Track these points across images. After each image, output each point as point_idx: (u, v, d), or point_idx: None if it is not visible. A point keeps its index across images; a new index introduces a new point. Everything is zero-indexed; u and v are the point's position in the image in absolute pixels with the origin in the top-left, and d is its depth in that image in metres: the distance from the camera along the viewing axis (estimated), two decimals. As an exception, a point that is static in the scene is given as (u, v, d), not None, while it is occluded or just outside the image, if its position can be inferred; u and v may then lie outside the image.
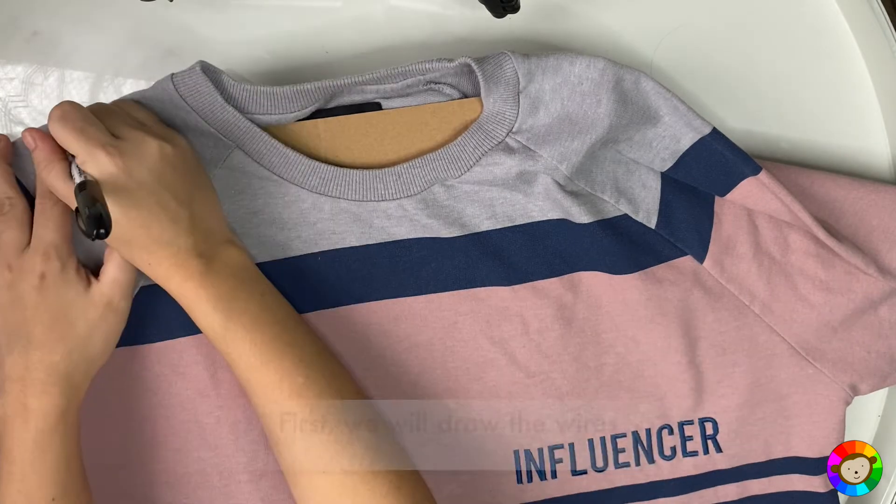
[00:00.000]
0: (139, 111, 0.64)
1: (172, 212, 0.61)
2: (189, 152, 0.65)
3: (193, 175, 0.64)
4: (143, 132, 0.62)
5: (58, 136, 0.60)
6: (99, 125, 0.60)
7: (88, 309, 0.63)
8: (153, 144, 0.61)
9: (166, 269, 0.62)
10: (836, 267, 0.71)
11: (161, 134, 0.63)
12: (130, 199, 0.59)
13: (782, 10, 0.77)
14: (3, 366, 0.62)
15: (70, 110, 0.60)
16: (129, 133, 0.61)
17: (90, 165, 0.59)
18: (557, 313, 0.70)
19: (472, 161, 0.69)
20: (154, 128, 0.63)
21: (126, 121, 0.62)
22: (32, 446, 0.60)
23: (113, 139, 0.60)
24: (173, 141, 0.63)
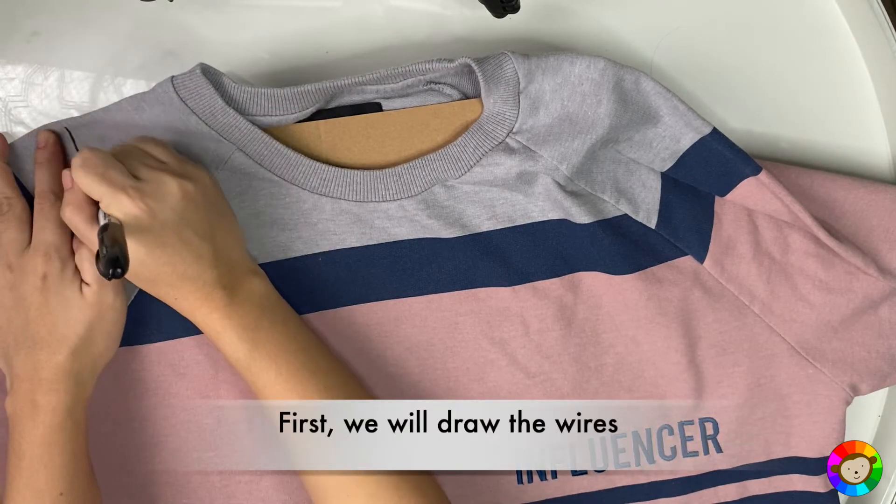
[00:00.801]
0: (157, 149, 0.65)
1: (196, 247, 0.62)
2: (209, 185, 0.65)
3: (215, 208, 0.65)
4: (164, 172, 0.62)
5: (81, 182, 0.61)
6: (120, 168, 0.61)
7: (85, 309, 0.63)
8: (174, 184, 0.62)
9: (192, 302, 0.63)
10: (836, 267, 0.71)
11: (181, 171, 0.63)
12: (155, 238, 0.60)
13: (782, 10, 0.77)
14: (12, 366, 0.63)
15: (90, 156, 0.60)
16: (149, 174, 0.62)
17: (114, 209, 0.60)
18: (558, 314, 0.70)
19: (473, 161, 0.69)
20: (173, 165, 0.64)
21: (145, 161, 0.63)
22: (41, 442, 0.61)
23: (135, 181, 0.61)
24: (193, 177, 0.64)
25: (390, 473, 0.64)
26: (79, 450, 0.63)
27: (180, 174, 0.63)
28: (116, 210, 0.60)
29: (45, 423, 0.61)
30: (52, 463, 0.61)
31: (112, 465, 0.68)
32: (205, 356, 0.68)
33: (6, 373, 0.64)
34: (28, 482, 0.61)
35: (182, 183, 0.62)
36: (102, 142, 0.66)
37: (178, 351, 0.68)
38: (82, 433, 0.63)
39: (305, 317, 0.68)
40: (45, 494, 0.61)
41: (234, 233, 0.66)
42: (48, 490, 0.61)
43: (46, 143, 0.66)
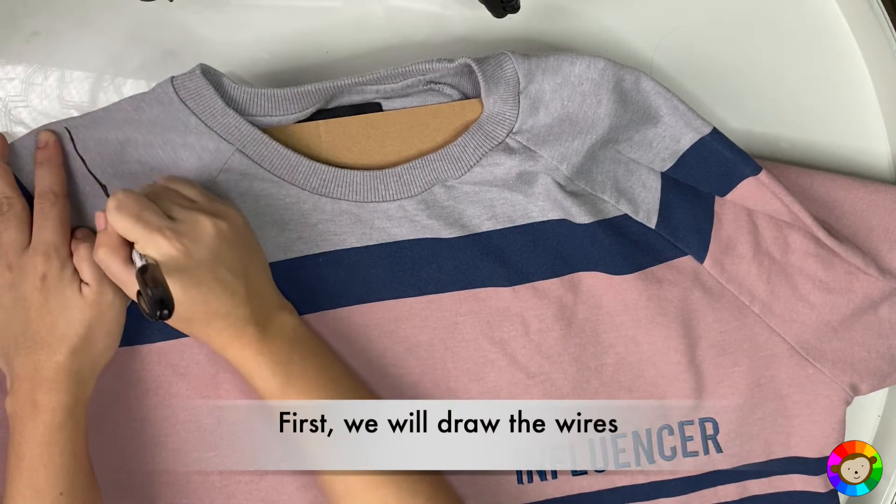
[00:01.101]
0: (188, 188, 0.65)
1: (229, 285, 0.62)
2: (241, 222, 0.65)
3: (247, 245, 0.65)
4: (197, 211, 0.63)
5: (116, 225, 0.61)
6: (155, 209, 0.61)
7: (85, 309, 0.63)
8: (208, 223, 0.62)
9: (224, 339, 0.63)
10: (836, 267, 0.71)
11: (213, 210, 0.64)
12: (191, 278, 0.61)
13: (782, 10, 0.77)
14: (13, 365, 0.63)
15: (125, 199, 0.61)
16: (183, 214, 0.62)
17: (151, 249, 0.60)
18: (558, 314, 0.70)
19: (473, 161, 0.69)
20: (205, 204, 0.64)
21: (178, 201, 0.63)
22: (41, 441, 0.61)
23: (169, 222, 0.61)
24: (225, 215, 0.64)
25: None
26: (79, 449, 0.63)
27: (213, 213, 0.63)
28: (153, 251, 0.60)
29: (45, 423, 0.61)
30: (52, 462, 0.61)
31: (112, 465, 0.68)
32: (205, 356, 0.68)
33: (6, 373, 0.64)
34: (28, 482, 0.61)
35: (216, 222, 0.62)
36: (102, 143, 0.67)
37: (179, 351, 0.68)
38: (82, 433, 0.63)
39: (305, 317, 0.68)
40: (45, 494, 0.61)
41: (265, 268, 0.67)
42: (48, 490, 0.61)
43: (46, 143, 0.66)
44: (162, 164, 0.67)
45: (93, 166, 0.67)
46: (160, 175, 0.66)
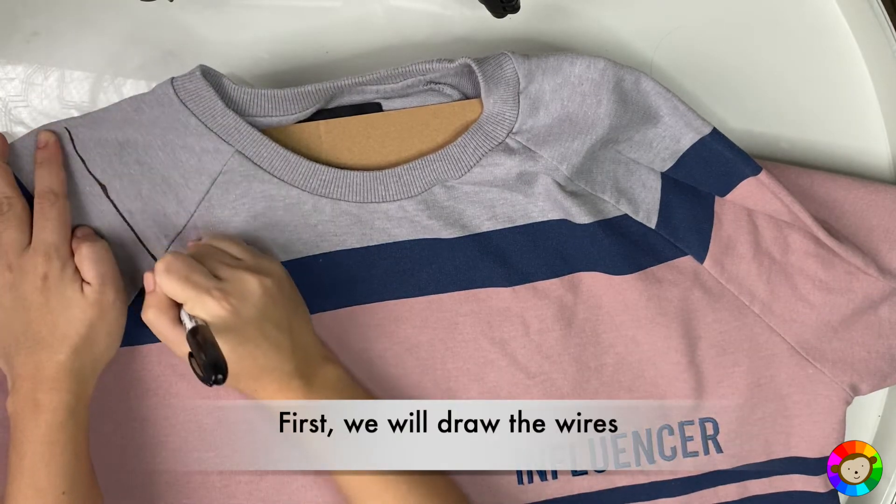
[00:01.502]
0: (232, 245, 0.66)
1: (275, 340, 0.63)
2: (284, 278, 0.66)
3: (290, 300, 0.66)
4: (242, 269, 0.63)
5: (165, 287, 0.61)
6: (203, 270, 0.62)
7: (86, 309, 0.63)
8: (254, 282, 0.63)
9: (271, 393, 0.64)
10: (836, 267, 0.71)
11: (257, 267, 0.65)
12: (239, 336, 0.61)
13: (782, 10, 0.77)
14: (14, 365, 0.63)
15: (173, 261, 0.61)
16: (229, 273, 0.63)
17: (200, 310, 0.61)
18: (558, 314, 0.70)
19: (473, 162, 0.69)
20: (249, 261, 0.65)
21: (224, 259, 0.64)
22: (43, 441, 0.61)
23: (217, 282, 0.62)
24: (269, 271, 0.65)
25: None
26: (80, 449, 0.63)
27: (257, 270, 0.64)
28: (202, 312, 0.61)
29: (47, 422, 0.61)
30: (53, 461, 0.61)
31: (112, 465, 0.68)
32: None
33: (7, 373, 0.64)
34: (30, 481, 0.61)
35: (261, 279, 0.63)
36: (101, 143, 0.66)
37: (179, 351, 0.68)
38: (84, 432, 0.63)
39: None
40: (47, 493, 0.61)
41: (307, 320, 0.67)
42: (50, 489, 0.61)
43: (46, 143, 0.66)
44: (161, 164, 0.67)
45: (92, 167, 0.67)
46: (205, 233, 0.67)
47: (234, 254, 0.65)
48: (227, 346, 0.60)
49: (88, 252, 0.64)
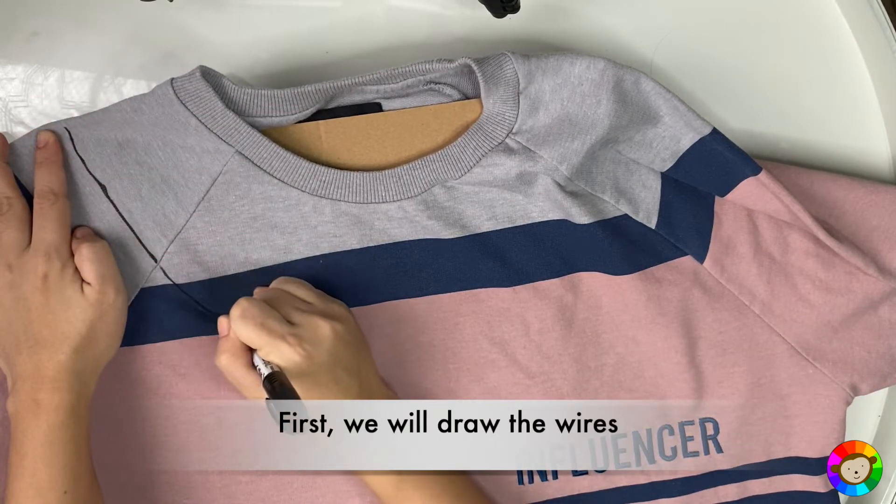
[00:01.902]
0: (301, 290, 0.66)
1: (345, 384, 0.64)
2: (352, 321, 0.67)
3: (358, 343, 0.67)
4: (314, 315, 0.64)
5: (241, 333, 0.62)
6: (277, 317, 0.62)
7: (87, 309, 0.63)
8: (326, 327, 0.63)
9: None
10: (836, 267, 0.71)
11: (328, 311, 0.65)
12: (312, 382, 0.62)
13: (782, 10, 0.77)
14: (14, 365, 0.63)
15: (248, 307, 0.62)
16: (302, 318, 0.63)
17: (275, 356, 0.61)
18: (558, 314, 0.70)
19: (473, 162, 0.69)
20: (319, 305, 0.66)
21: (295, 304, 0.64)
22: (44, 440, 0.61)
23: (290, 327, 0.62)
24: (338, 315, 0.65)
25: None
26: (81, 449, 0.63)
27: (328, 314, 0.65)
28: (277, 357, 0.61)
29: (47, 422, 0.61)
30: (55, 461, 0.61)
31: (112, 465, 0.68)
32: (205, 357, 0.68)
33: (7, 373, 0.64)
34: (31, 481, 0.61)
35: (333, 324, 0.64)
36: (101, 144, 0.66)
37: (179, 351, 0.68)
38: (84, 432, 0.63)
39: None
40: (48, 493, 0.61)
41: (372, 363, 0.68)
42: (51, 488, 0.61)
43: (46, 143, 0.66)
44: (161, 164, 0.67)
45: (92, 167, 0.67)
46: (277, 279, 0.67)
47: (304, 297, 0.66)
48: (301, 392, 0.60)
49: (88, 252, 0.64)
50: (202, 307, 0.68)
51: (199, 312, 0.68)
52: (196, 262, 0.67)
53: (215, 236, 0.67)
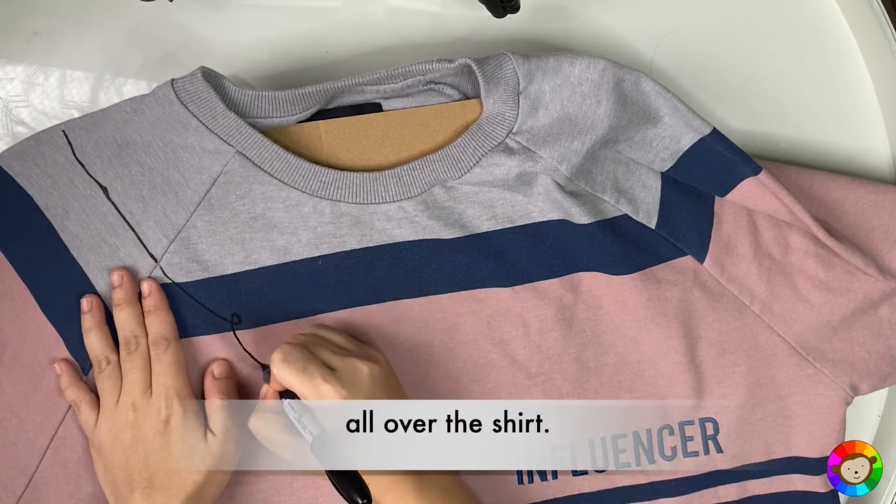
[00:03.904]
0: (336, 335, 0.67)
1: None
2: (386, 364, 0.67)
3: (394, 386, 0.66)
4: (350, 357, 0.64)
5: (283, 376, 0.62)
6: (317, 361, 0.63)
7: (207, 458, 0.64)
8: (364, 369, 0.64)
9: (384, 488, 0.63)
10: (836, 267, 0.71)
11: (363, 354, 0.65)
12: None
13: (782, 9, 0.77)
14: (125, 502, 0.64)
15: (290, 351, 0.63)
16: (340, 362, 0.64)
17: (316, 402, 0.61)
18: (558, 314, 0.70)
19: (473, 162, 0.69)
20: (355, 350, 0.66)
21: (331, 349, 0.65)
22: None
23: (330, 371, 0.63)
24: (374, 358, 0.66)
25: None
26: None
27: (364, 357, 0.65)
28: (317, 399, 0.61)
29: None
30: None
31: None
32: (205, 357, 0.68)
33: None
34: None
35: (370, 366, 0.64)
36: (101, 145, 0.66)
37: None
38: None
39: (307, 320, 0.68)
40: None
41: None
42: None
43: (150, 292, 0.67)
44: (162, 164, 0.67)
45: (92, 170, 0.66)
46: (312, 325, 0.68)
47: (340, 343, 0.66)
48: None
49: (222, 406, 0.66)
50: (202, 306, 0.68)
51: (198, 311, 0.68)
52: (196, 260, 0.67)
53: (215, 235, 0.67)
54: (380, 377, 0.64)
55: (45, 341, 0.66)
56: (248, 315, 0.68)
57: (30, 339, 0.66)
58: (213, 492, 0.65)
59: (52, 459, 0.66)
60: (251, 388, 0.68)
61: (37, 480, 0.66)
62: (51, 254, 0.66)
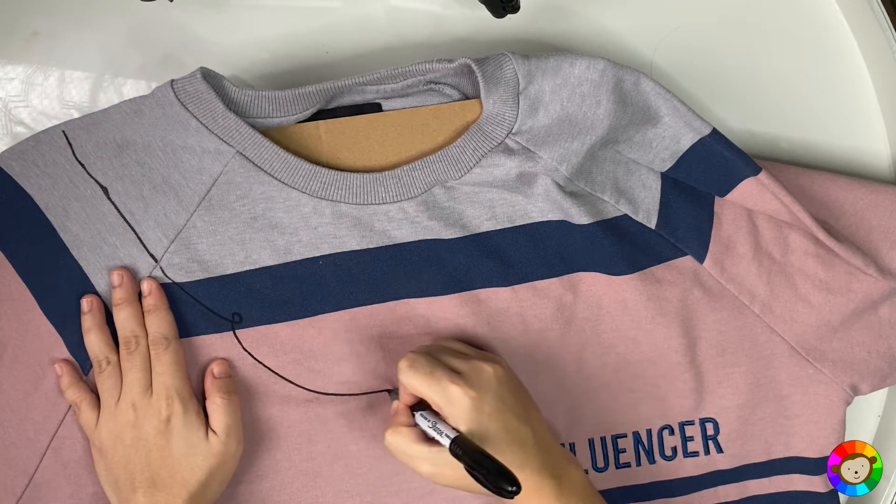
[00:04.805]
0: (454, 342, 0.67)
1: (517, 433, 0.62)
2: (507, 365, 0.66)
3: (519, 386, 0.66)
4: (473, 360, 0.64)
5: (410, 383, 0.62)
6: (442, 366, 0.63)
7: (209, 457, 0.64)
8: (488, 370, 0.63)
9: (528, 492, 0.61)
10: (836, 267, 0.71)
11: (483, 356, 0.65)
12: (483, 431, 0.61)
13: (782, 9, 0.77)
14: (126, 501, 0.64)
15: (416, 358, 0.63)
16: (463, 365, 0.63)
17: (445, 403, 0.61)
18: (557, 314, 0.70)
19: (473, 162, 0.68)
20: (475, 353, 0.66)
21: (453, 354, 0.65)
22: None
23: (456, 374, 0.62)
24: (495, 360, 0.65)
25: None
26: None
27: (486, 360, 0.64)
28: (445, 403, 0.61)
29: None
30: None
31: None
32: (206, 358, 0.68)
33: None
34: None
35: (495, 367, 0.64)
36: (100, 146, 0.66)
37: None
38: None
39: (307, 320, 0.68)
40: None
41: (541, 415, 0.66)
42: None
43: (150, 291, 0.66)
44: (162, 164, 0.67)
45: (93, 170, 0.66)
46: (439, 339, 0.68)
47: (460, 349, 0.66)
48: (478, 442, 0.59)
49: (222, 403, 0.65)
50: (202, 306, 0.68)
51: (198, 311, 0.68)
52: (196, 260, 0.67)
53: (215, 235, 0.67)
54: (504, 377, 0.64)
55: (45, 341, 0.66)
56: (248, 315, 0.68)
57: (30, 339, 0.66)
58: (215, 490, 0.65)
59: (53, 459, 0.66)
60: (251, 388, 0.68)
61: (37, 480, 0.66)
62: (51, 254, 0.66)
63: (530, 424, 0.63)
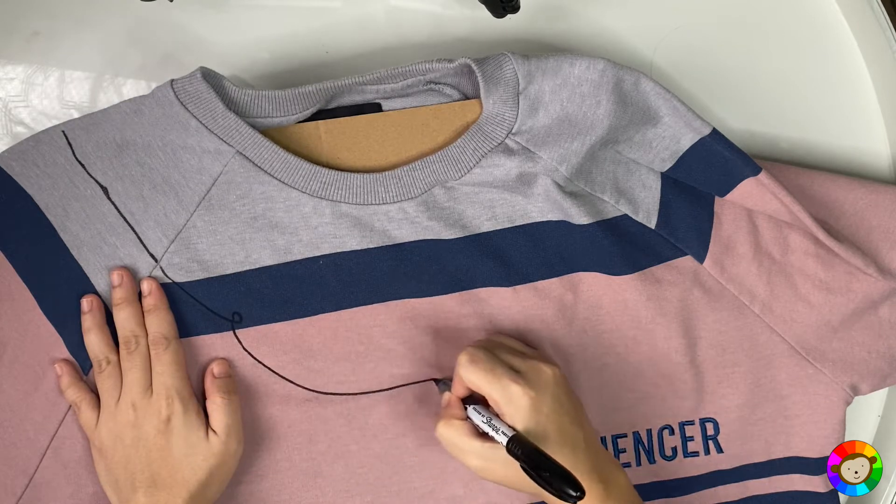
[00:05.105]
0: (510, 340, 0.67)
1: (571, 436, 0.62)
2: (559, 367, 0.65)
3: (574, 393, 0.65)
4: (531, 360, 0.64)
5: (469, 379, 0.62)
6: (502, 363, 0.63)
7: (209, 457, 0.64)
8: (547, 370, 0.63)
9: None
10: (836, 267, 0.71)
11: (540, 357, 0.65)
12: (540, 431, 0.61)
13: (782, 9, 0.77)
14: (127, 501, 0.64)
15: (476, 353, 0.63)
16: (522, 364, 0.63)
17: (504, 401, 0.61)
18: (558, 313, 0.70)
19: (473, 162, 0.68)
20: (532, 353, 0.66)
21: (511, 352, 0.65)
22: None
23: (516, 373, 0.62)
24: (551, 360, 0.65)
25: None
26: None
27: (543, 360, 0.64)
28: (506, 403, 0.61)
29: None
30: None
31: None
32: (206, 358, 0.68)
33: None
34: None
35: (553, 368, 0.64)
36: (100, 146, 0.66)
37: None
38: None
39: (307, 320, 0.68)
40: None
41: (588, 419, 0.66)
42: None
43: (150, 291, 0.66)
44: (162, 164, 0.67)
45: (93, 170, 0.66)
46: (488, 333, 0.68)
47: (517, 347, 0.66)
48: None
49: (222, 403, 0.65)
50: (202, 305, 0.68)
51: (198, 311, 0.68)
52: (196, 260, 0.67)
53: (215, 235, 0.67)
54: (561, 379, 0.64)
55: (45, 341, 0.66)
56: (248, 314, 0.68)
57: (30, 339, 0.66)
58: (216, 490, 0.65)
59: (53, 459, 0.66)
60: (251, 387, 0.68)
61: (37, 480, 0.66)
62: (51, 254, 0.66)
63: (582, 428, 0.63)
